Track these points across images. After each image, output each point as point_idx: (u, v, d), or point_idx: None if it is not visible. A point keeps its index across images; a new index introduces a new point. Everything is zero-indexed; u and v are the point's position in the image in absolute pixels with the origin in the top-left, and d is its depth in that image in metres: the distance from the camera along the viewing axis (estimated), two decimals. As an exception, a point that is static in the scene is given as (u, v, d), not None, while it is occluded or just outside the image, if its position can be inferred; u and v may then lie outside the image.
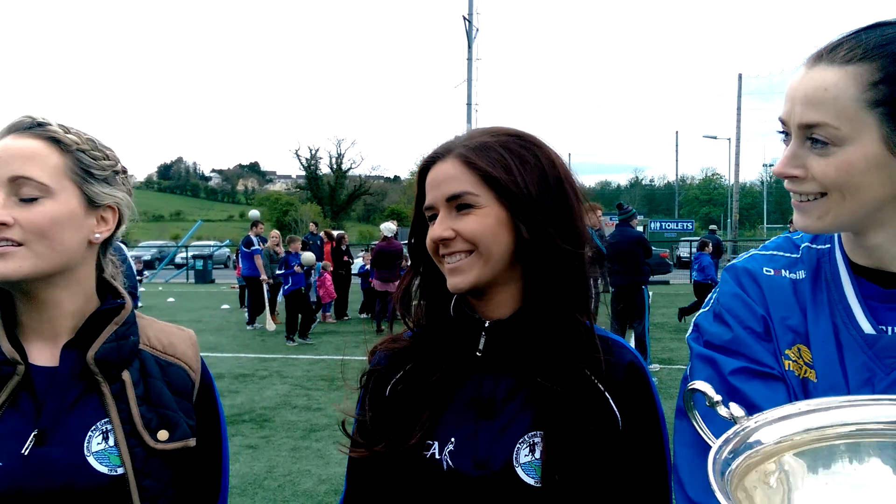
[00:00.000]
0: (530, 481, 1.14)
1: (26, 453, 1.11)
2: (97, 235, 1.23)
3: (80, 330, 1.20)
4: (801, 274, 1.14)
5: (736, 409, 0.87)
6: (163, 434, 1.20)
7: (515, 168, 1.17)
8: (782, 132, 1.07)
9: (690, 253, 24.93)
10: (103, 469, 1.14)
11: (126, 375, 1.21)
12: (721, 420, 0.87)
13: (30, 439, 1.12)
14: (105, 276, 1.29)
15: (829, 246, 1.14)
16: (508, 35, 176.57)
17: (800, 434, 0.82)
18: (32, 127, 1.17)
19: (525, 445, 1.16)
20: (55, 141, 1.17)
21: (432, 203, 1.20)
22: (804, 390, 1.07)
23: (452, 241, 1.18)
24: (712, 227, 26.40)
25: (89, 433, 1.16)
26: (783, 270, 1.16)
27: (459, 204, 1.17)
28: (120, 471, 1.15)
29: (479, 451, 1.17)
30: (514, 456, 1.15)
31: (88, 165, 1.20)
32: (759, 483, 0.79)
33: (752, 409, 0.95)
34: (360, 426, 1.30)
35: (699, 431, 0.93)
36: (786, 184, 1.06)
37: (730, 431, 0.83)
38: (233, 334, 13.15)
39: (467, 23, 25.68)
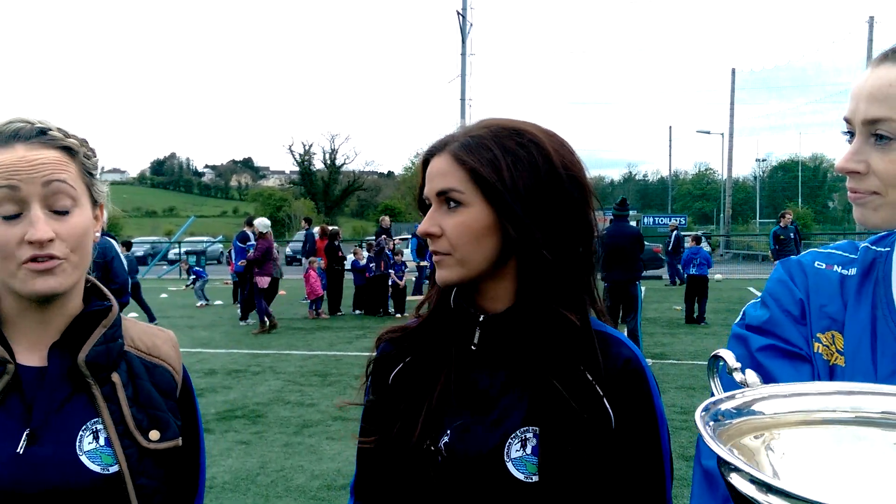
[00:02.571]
0: (520, 476, 1.14)
1: (21, 452, 1.12)
2: (97, 234, 1.23)
3: (66, 331, 1.21)
4: (853, 271, 1.15)
5: (751, 376, 0.88)
6: (154, 434, 1.22)
7: (505, 166, 1.15)
8: (847, 132, 1.08)
9: (683, 248, 24.93)
10: (96, 468, 1.16)
11: (116, 377, 1.22)
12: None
13: (23, 439, 1.13)
14: (89, 276, 1.28)
15: (888, 249, 1.14)
16: (502, 30, 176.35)
17: (802, 413, 0.81)
18: (38, 135, 1.15)
19: (517, 440, 1.16)
20: (66, 149, 1.17)
21: (427, 195, 1.22)
22: (830, 375, 1.07)
23: (439, 238, 1.19)
24: (673, 222, 26.35)
25: (80, 433, 1.17)
26: (836, 266, 1.17)
27: (447, 199, 1.18)
28: (112, 469, 1.17)
29: (472, 444, 1.18)
30: (506, 450, 1.16)
31: (90, 167, 1.21)
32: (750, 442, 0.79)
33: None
34: (365, 412, 1.33)
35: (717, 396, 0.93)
36: (847, 181, 1.07)
37: (737, 391, 0.84)
38: (225, 330, 13.13)
39: (461, 17, 25.67)
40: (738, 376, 0.88)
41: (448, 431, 1.20)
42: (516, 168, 1.16)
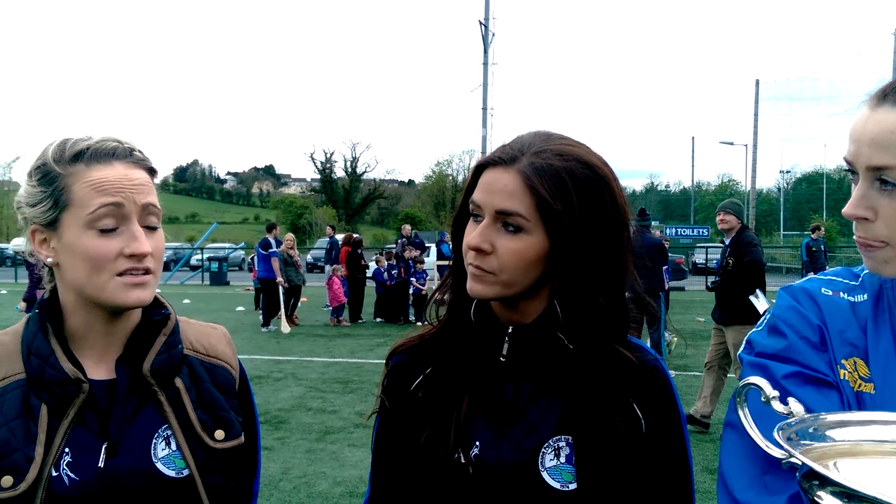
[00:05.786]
0: (556, 485, 1.14)
1: (102, 466, 1.16)
2: None
3: (129, 342, 1.25)
4: (862, 297, 1.14)
5: (795, 405, 0.83)
6: (219, 434, 1.27)
7: (577, 204, 1.12)
8: (848, 170, 1.07)
9: (707, 259, 24.80)
10: (171, 473, 1.20)
11: (179, 382, 1.27)
12: (772, 421, 0.83)
13: (102, 452, 1.17)
14: None
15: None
16: (525, 39, 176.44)
17: (875, 443, 0.77)
18: (130, 154, 1.21)
19: (550, 450, 1.16)
20: (150, 169, 1.24)
21: (481, 205, 1.16)
22: (859, 403, 1.05)
23: (488, 255, 1.15)
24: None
25: (153, 441, 1.21)
26: (842, 293, 1.15)
27: (507, 222, 1.13)
28: (185, 472, 1.22)
29: (504, 455, 1.17)
30: (540, 460, 1.15)
31: (157, 188, 1.27)
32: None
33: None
34: (381, 426, 1.31)
35: (747, 429, 0.89)
36: (855, 227, 1.06)
37: (808, 415, 0.78)
38: (248, 336, 13.20)
39: (483, 27, 25.72)
40: (777, 406, 0.83)
41: (476, 443, 1.18)
42: (585, 205, 1.13)
